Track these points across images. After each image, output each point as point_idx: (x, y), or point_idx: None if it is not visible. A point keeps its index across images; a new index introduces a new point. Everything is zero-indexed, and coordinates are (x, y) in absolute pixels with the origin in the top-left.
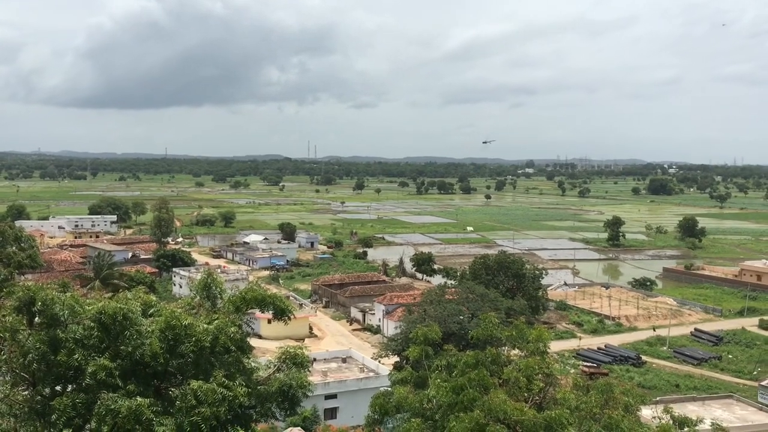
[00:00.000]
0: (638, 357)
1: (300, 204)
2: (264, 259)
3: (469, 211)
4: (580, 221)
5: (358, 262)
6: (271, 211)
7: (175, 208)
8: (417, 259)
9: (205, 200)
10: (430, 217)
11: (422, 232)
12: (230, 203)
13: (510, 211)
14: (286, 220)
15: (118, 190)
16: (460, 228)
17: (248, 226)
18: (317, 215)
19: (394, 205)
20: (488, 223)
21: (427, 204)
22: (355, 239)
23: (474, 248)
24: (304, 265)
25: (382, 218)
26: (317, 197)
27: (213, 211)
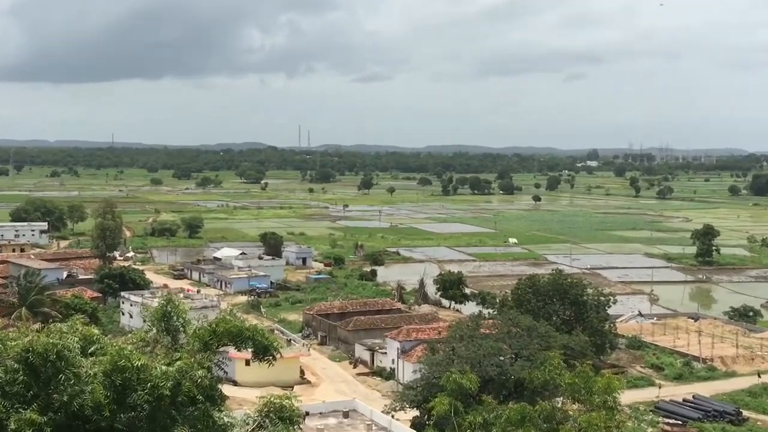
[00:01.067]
0: (738, 412)
1: (288, 207)
2: (241, 280)
3: (512, 217)
4: (659, 231)
5: (364, 285)
6: (250, 217)
7: (125, 213)
8: (443, 280)
9: (163, 203)
10: (460, 225)
11: (450, 245)
12: (196, 207)
13: (566, 217)
14: (270, 228)
15: (50, 190)
16: (500, 240)
17: (220, 237)
18: (311, 222)
19: (412, 210)
20: (537, 234)
21: (456, 208)
22: (360, 254)
23: (518, 266)
24: (293, 288)
25: (397, 227)
26: (311, 199)
27: (174, 217)
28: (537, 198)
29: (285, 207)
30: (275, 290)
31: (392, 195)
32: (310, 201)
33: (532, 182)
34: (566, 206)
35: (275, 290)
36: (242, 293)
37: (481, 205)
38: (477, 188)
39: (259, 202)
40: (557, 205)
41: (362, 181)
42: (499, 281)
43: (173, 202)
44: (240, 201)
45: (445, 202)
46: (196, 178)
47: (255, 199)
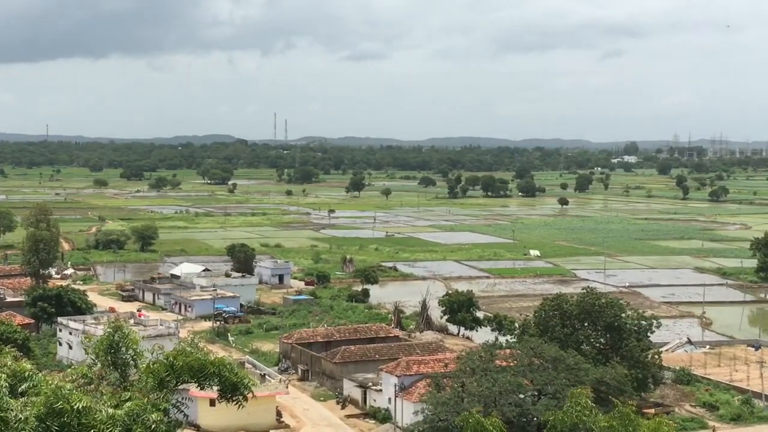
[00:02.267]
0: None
1: (262, 214)
2: (204, 302)
3: (535, 224)
4: (712, 240)
5: (355, 308)
6: (215, 225)
7: (62, 222)
8: (450, 301)
9: (109, 209)
10: (471, 234)
11: (458, 258)
12: (150, 213)
13: (599, 224)
14: (240, 239)
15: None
16: (519, 252)
17: (178, 250)
18: (289, 232)
19: (412, 216)
20: (564, 245)
21: (466, 214)
22: (349, 270)
23: (541, 284)
24: (268, 311)
25: (394, 236)
26: (289, 202)
27: (122, 225)
28: (564, 201)
29: (257, 213)
30: (246, 314)
31: (388, 198)
32: (288, 206)
33: (558, 182)
34: (599, 211)
35: (246, 314)
36: (206, 318)
37: (496, 210)
38: (491, 189)
39: (225, 208)
40: (588, 210)
41: (352, 182)
42: (519, 302)
43: (121, 207)
44: (203, 206)
45: (453, 207)
46: (149, 178)
47: (221, 203)
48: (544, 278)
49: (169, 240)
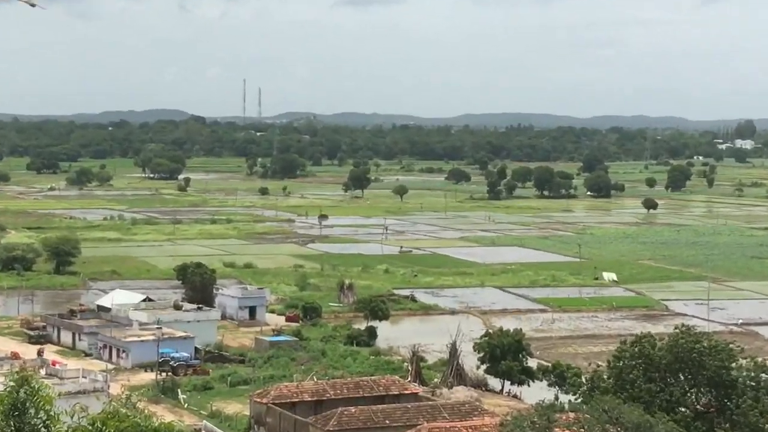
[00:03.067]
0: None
1: (226, 221)
2: (144, 345)
3: (609, 236)
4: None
5: (356, 353)
6: (159, 237)
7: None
8: (490, 345)
9: (11, 213)
10: (520, 250)
11: (502, 284)
12: (68, 220)
13: (701, 236)
14: (195, 257)
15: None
16: (588, 276)
17: (108, 271)
18: (264, 246)
19: (437, 224)
20: (651, 265)
21: (514, 221)
22: (349, 300)
23: (619, 320)
24: (234, 358)
25: (412, 252)
26: (264, 205)
27: (29, 237)
28: (651, 204)
29: (220, 220)
30: (203, 363)
31: (403, 199)
32: (262, 209)
33: (642, 176)
34: (700, 218)
35: (203, 363)
36: (147, 368)
37: (554, 215)
38: (548, 187)
39: (175, 212)
40: (685, 216)
41: (352, 176)
42: (587, 346)
43: (28, 212)
44: (143, 210)
45: (494, 211)
46: (67, 170)
47: (168, 206)
48: (622, 312)
49: (95, 258)
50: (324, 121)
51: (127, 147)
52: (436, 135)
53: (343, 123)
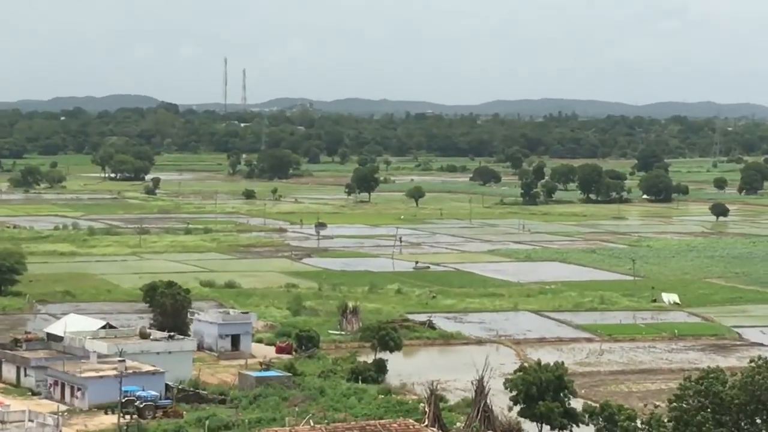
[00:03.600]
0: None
1: (203, 231)
2: (104, 382)
3: (670, 249)
4: None
5: (362, 391)
6: (122, 250)
7: None
8: (526, 382)
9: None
10: (562, 266)
11: (539, 307)
12: (11, 229)
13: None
14: (166, 274)
15: None
16: (644, 297)
17: (61, 292)
18: (250, 261)
19: (461, 234)
20: (720, 283)
21: (553, 231)
22: (353, 327)
23: (683, 352)
24: (213, 398)
25: (429, 269)
26: (250, 211)
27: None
28: (721, 210)
29: (196, 230)
30: (175, 403)
31: (419, 204)
32: (247, 216)
33: (710, 176)
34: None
35: (175, 403)
36: (108, 409)
37: (603, 224)
38: (595, 189)
39: (141, 220)
40: (763, 226)
41: (357, 176)
42: (643, 383)
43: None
44: (102, 217)
45: (530, 219)
46: (10, 169)
47: (134, 212)
48: (686, 342)
49: (44, 275)
50: (322, 109)
51: (83, 141)
52: (458, 126)
53: (346, 111)
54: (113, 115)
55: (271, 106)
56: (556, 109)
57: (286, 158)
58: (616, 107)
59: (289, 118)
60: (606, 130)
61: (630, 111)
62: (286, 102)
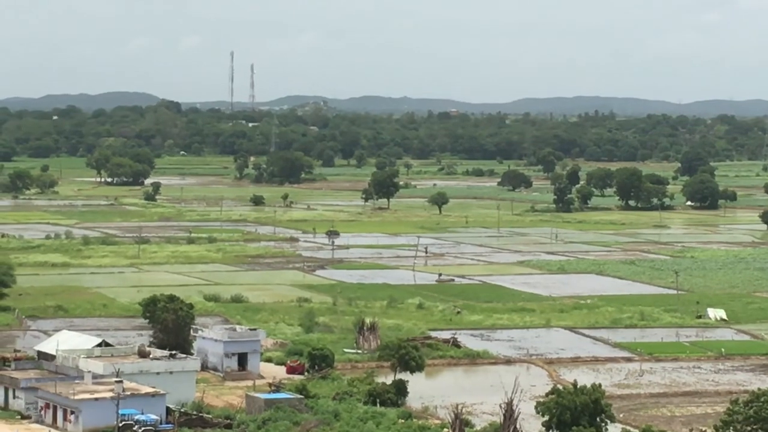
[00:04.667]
0: None
1: (208, 240)
2: (100, 405)
3: (716, 261)
4: None
5: (380, 415)
6: (120, 261)
7: None
8: (559, 405)
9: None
10: (599, 279)
11: (573, 324)
12: (0, 238)
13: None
14: (167, 287)
15: None
16: (689, 313)
17: (53, 306)
18: (259, 273)
19: (488, 244)
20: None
21: (588, 240)
22: (371, 345)
23: (731, 373)
24: (218, 422)
25: (453, 282)
26: (258, 219)
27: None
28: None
29: (200, 239)
30: (176, 428)
31: (442, 211)
32: (255, 225)
33: (760, 181)
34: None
35: (176, 428)
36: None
37: (643, 232)
38: (634, 195)
39: (140, 228)
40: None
41: (375, 180)
42: (686, 406)
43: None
44: (98, 225)
45: (564, 227)
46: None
47: (132, 220)
48: (734, 362)
49: (34, 289)
50: (338, 107)
51: (77, 142)
52: (485, 126)
53: (363, 110)
54: (109, 114)
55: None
56: (591, 107)
57: (297, 161)
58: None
59: (301, 117)
60: (646, 130)
61: (673, 110)
62: (297, 100)
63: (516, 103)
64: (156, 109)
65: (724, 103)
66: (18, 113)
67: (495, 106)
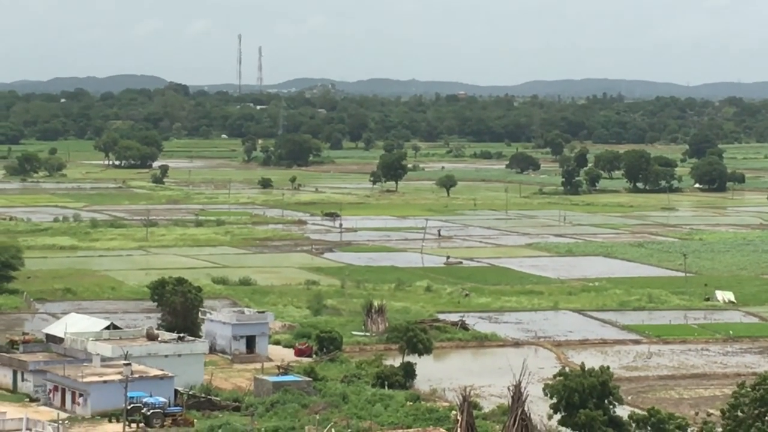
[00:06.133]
0: None
1: (217, 223)
2: (108, 387)
3: (724, 243)
4: None
5: (389, 398)
6: (128, 244)
7: None
8: (567, 388)
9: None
10: (606, 261)
11: (581, 306)
12: (7, 221)
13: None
14: (175, 270)
15: None
16: (696, 296)
17: (61, 289)
18: (267, 256)
19: (496, 226)
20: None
21: (597, 223)
22: (379, 328)
23: (738, 355)
24: (226, 405)
25: (461, 264)
26: (266, 201)
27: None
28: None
29: (208, 222)
30: (185, 410)
31: (450, 193)
32: (263, 207)
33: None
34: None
35: (185, 410)
36: (112, 417)
37: (652, 215)
38: (643, 177)
39: (148, 212)
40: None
41: (383, 163)
42: (694, 388)
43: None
44: (105, 208)
45: (572, 210)
46: (6, 156)
47: (140, 203)
48: (742, 344)
49: (42, 272)
50: (345, 90)
51: (84, 125)
52: (493, 109)
53: (371, 93)
54: (117, 97)
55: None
56: (599, 90)
57: (305, 144)
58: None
59: (309, 100)
60: (654, 112)
61: (681, 92)
62: (305, 82)
63: (524, 85)
64: (164, 92)
65: (733, 86)
66: (26, 96)
67: (503, 88)
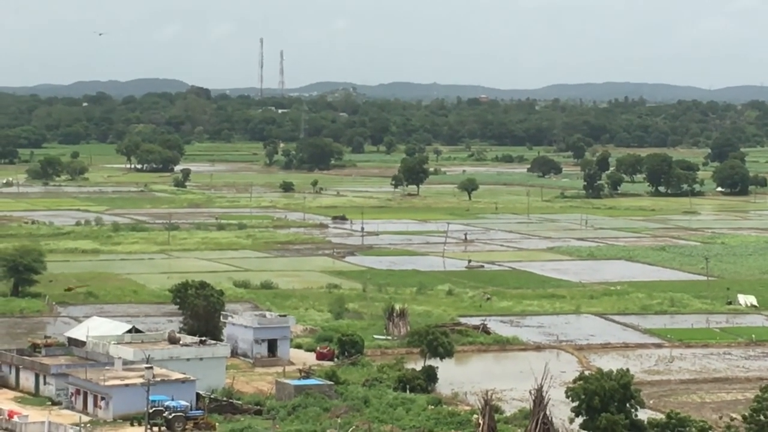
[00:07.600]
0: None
1: (238, 227)
2: (130, 391)
3: (747, 247)
4: None
5: (410, 401)
6: (149, 247)
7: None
8: (588, 391)
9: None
10: (628, 265)
11: (603, 310)
12: (29, 225)
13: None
14: (197, 274)
15: None
16: (719, 299)
17: (83, 293)
18: (288, 260)
19: (518, 230)
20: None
21: (619, 227)
22: (401, 332)
23: (761, 359)
24: (248, 408)
25: (483, 268)
26: (288, 205)
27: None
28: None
29: (230, 225)
30: (207, 414)
31: (471, 197)
32: (285, 211)
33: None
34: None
35: (207, 414)
36: (134, 420)
37: (673, 218)
38: (665, 181)
39: (170, 215)
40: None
41: (404, 167)
42: (717, 392)
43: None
44: (127, 212)
45: (594, 213)
46: (27, 160)
47: (162, 207)
48: (765, 348)
49: (65, 275)
50: (367, 94)
51: (106, 129)
52: (515, 112)
53: (392, 96)
54: (139, 100)
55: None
56: (621, 93)
57: (327, 147)
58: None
59: (331, 103)
60: (677, 116)
61: (703, 96)
62: (327, 86)
63: (546, 89)
64: (186, 95)
65: (755, 89)
66: (48, 100)
67: (524, 92)
